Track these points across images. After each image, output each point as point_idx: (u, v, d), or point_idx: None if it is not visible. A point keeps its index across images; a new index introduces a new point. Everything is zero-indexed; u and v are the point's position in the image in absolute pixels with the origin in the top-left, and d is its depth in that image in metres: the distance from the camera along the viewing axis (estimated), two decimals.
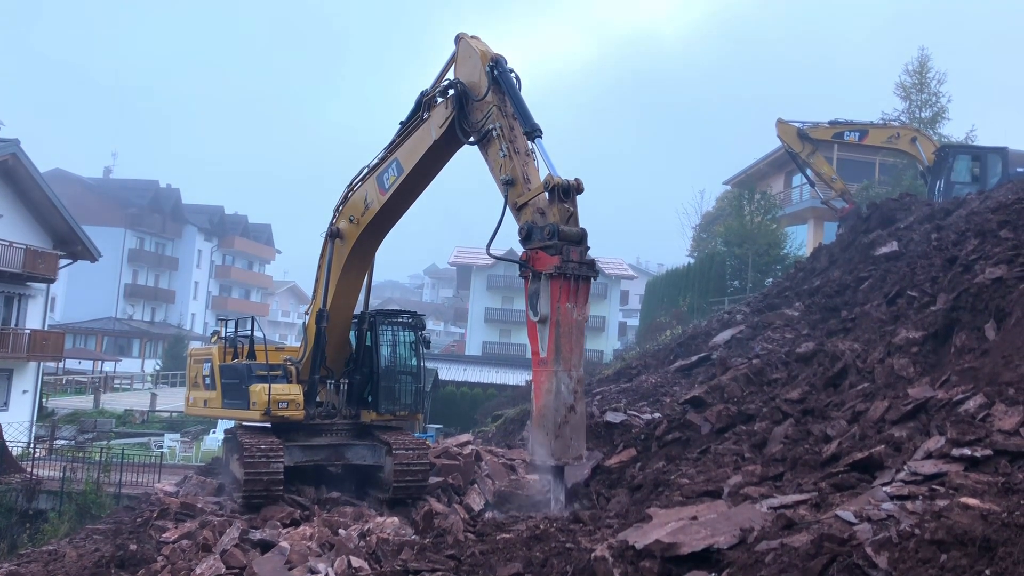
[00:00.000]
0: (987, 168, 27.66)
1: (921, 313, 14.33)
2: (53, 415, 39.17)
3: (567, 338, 11.18)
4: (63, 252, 35.58)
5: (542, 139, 12.00)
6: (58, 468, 23.63)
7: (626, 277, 77.26)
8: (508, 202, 12.00)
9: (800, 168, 31.26)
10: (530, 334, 11.61)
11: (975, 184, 27.01)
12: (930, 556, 5.86)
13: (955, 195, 26.32)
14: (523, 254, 11.69)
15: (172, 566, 11.53)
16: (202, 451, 31.39)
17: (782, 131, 30.22)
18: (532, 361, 11.72)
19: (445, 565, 9.79)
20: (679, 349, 23.94)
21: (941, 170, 28.22)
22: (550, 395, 11.17)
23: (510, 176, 11.94)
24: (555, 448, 11.13)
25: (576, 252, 11.30)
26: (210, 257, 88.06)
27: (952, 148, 29.70)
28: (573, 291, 11.24)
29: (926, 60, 41.12)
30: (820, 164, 30.49)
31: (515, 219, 11.96)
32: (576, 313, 11.25)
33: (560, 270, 11.09)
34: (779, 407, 13.09)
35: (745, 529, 7.74)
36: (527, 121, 12.01)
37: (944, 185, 27.72)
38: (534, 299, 11.39)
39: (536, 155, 12.09)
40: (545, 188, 11.47)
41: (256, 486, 14.17)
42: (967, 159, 28.41)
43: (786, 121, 30.23)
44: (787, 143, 30.24)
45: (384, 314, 16.67)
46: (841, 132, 29.98)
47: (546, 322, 11.18)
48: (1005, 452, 8.14)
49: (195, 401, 17.90)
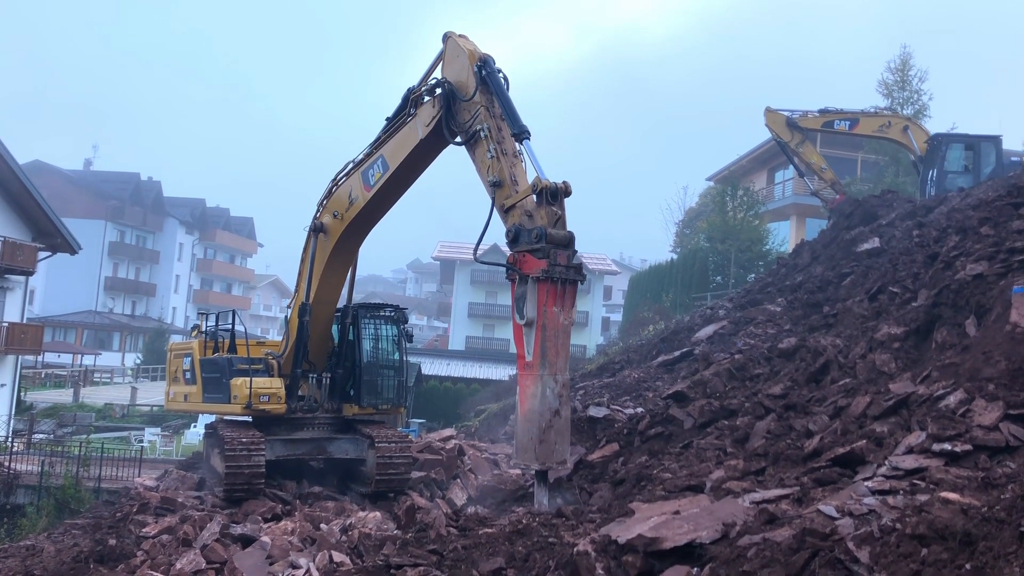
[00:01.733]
0: (981, 157, 27.16)
1: (902, 309, 14.41)
2: (32, 409, 38.80)
3: (553, 342, 11.17)
4: (42, 244, 35.19)
5: (530, 141, 11.94)
6: (37, 462, 23.40)
7: (609, 272, 77.39)
8: (495, 204, 11.95)
9: (789, 158, 30.74)
10: (516, 337, 11.59)
11: (969, 174, 26.53)
12: (911, 550, 5.89)
13: (948, 186, 25.87)
14: (510, 257, 11.66)
15: (152, 561, 11.44)
16: (183, 445, 31.19)
17: (771, 120, 29.75)
18: (518, 364, 11.71)
19: (427, 560, 9.76)
20: (662, 344, 24.00)
21: (933, 160, 27.61)
22: (535, 399, 11.16)
23: (497, 178, 11.88)
24: (540, 452, 11.13)
25: (563, 255, 11.27)
26: (191, 250, 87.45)
27: (945, 137, 28.92)
28: (560, 295, 11.23)
29: (908, 58, 41.36)
30: (810, 154, 30.04)
31: (502, 221, 11.93)
32: (563, 317, 11.24)
33: (547, 273, 11.07)
34: (761, 402, 13.13)
35: (727, 524, 7.75)
36: (515, 123, 11.94)
37: (937, 175, 27.17)
38: (520, 302, 11.37)
39: (524, 157, 12.04)
40: (533, 191, 11.43)
41: (237, 480, 14.09)
42: (960, 148, 27.80)
43: (775, 110, 29.79)
44: (776, 132, 29.77)
45: (367, 308, 16.61)
46: (831, 121, 29.51)
47: (532, 325, 11.17)
48: (985, 447, 8.20)
49: (175, 396, 17.78)
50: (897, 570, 5.77)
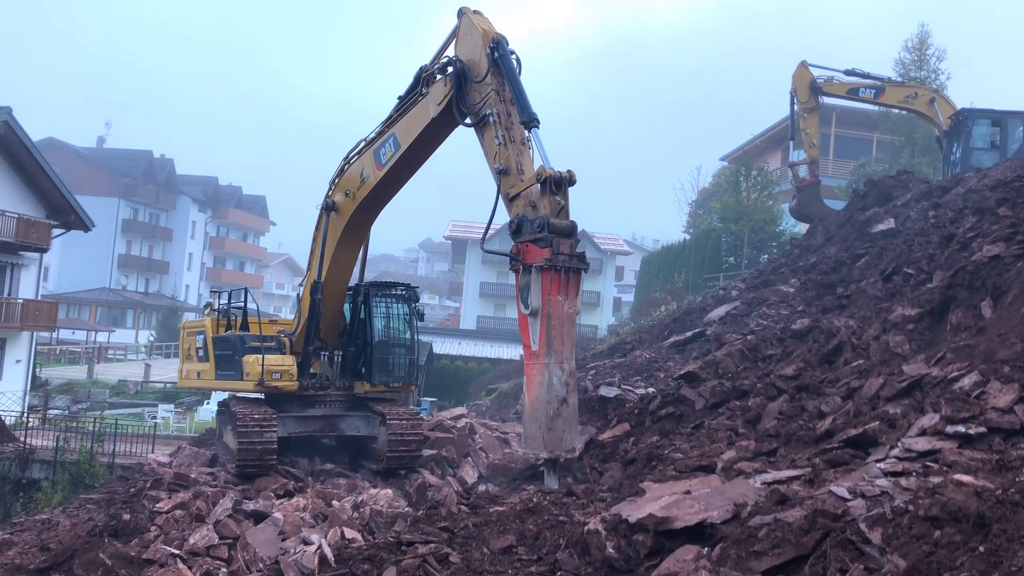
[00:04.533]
0: (1008, 134, 26.31)
1: (917, 290, 14.32)
2: (47, 385, 39.11)
3: (558, 331, 11.18)
4: (56, 222, 35.32)
5: (539, 129, 11.85)
6: (51, 438, 23.57)
7: (621, 253, 77.20)
8: (500, 191, 11.96)
9: (791, 118, 29.69)
10: (521, 327, 11.61)
11: (995, 151, 25.72)
12: (924, 532, 5.87)
13: (974, 163, 25.14)
14: (513, 247, 11.66)
15: (165, 536, 11.54)
16: (196, 422, 31.39)
17: (799, 75, 28.66)
18: (524, 354, 11.73)
19: (438, 537, 9.81)
20: (674, 325, 23.94)
21: (959, 135, 26.71)
22: (542, 388, 11.19)
23: (504, 165, 11.84)
24: (547, 440, 11.17)
25: (566, 244, 11.27)
26: (204, 228, 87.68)
27: (971, 112, 27.78)
28: (564, 283, 11.23)
29: (926, 37, 40.86)
30: (811, 124, 29.03)
31: (506, 210, 11.92)
32: (567, 305, 11.25)
33: (551, 263, 11.07)
34: (773, 383, 13.10)
35: (739, 504, 7.75)
36: (525, 110, 11.84)
37: (962, 152, 26.30)
38: (525, 292, 11.39)
39: (532, 144, 11.98)
40: (538, 179, 11.39)
41: (250, 455, 14.18)
42: (987, 124, 26.85)
43: (809, 67, 28.72)
44: (797, 88, 28.73)
45: (378, 286, 16.62)
46: (856, 88, 28.59)
47: (537, 315, 11.18)
48: (999, 429, 8.16)
49: (188, 373, 17.86)
50: (909, 552, 5.75)
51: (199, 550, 11.05)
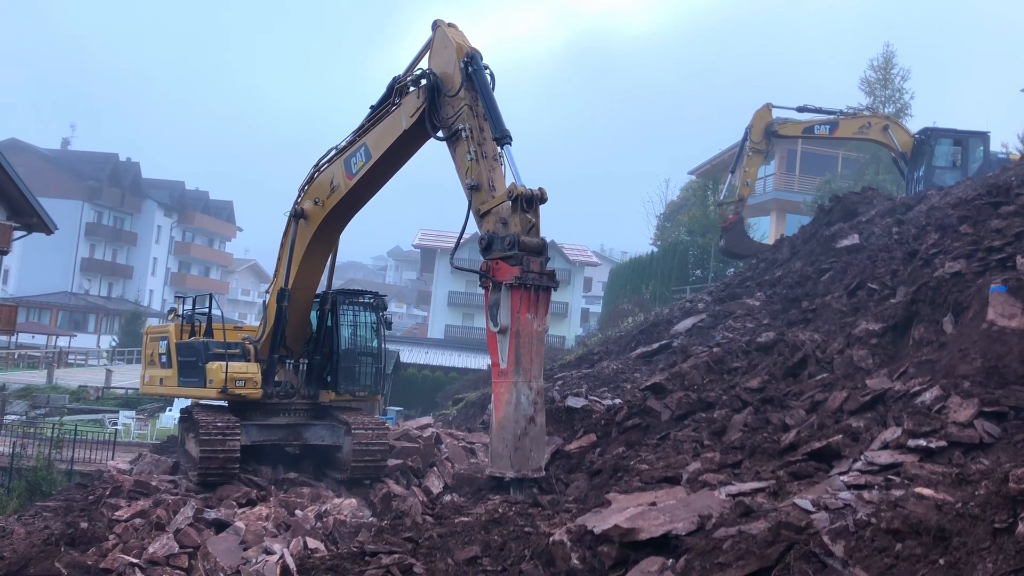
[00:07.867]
0: (969, 153, 26.90)
1: (881, 305, 14.50)
2: (4, 390, 38.34)
3: (527, 349, 11.18)
4: (17, 223, 34.65)
5: (511, 146, 11.85)
6: (8, 444, 23.12)
7: (590, 264, 77.53)
8: (472, 207, 11.95)
9: (739, 153, 30.11)
10: (490, 345, 11.60)
11: (957, 170, 26.15)
12: (886, 545, 5.93)
13: (936, 181, 25.59)
14: (483, 264, 11.64)
15: (124, 544, 11.34)
16: (157, 429, 30.91)
17: (760, 115, 29.12)
18: (492, 372, 11.70)
19: (403, 547, 9.73)
20: (641, 336, 24.05)
21: (921, 156, 27.29)
22: (510, 406, 11.17)
23: (475, 181, 11.85)
24: (515, 459, 11.15)
25: (536, 262, 11.30)
26: (170, 233, 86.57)
27: (934, 131, 28.43)
28: (533, 301, 11.24)
29: (891, 56, 41.60)
30: (753, 164, 29.69)
31: (477, 226, 11.91)
32: (536, 324, 11.27)
33: (520, 280, 11.08)
34: (739, 395, 13.17)
35: (703, 515, 7.78)
36: (498, 126, 11.84)
37: (924, 170, 26.81)
38: (494, 310, 11.38)
39: (504, 160, 11.97)
40: (509, 197, 11.39)
41: (212, 464, 14.00)
42: (949, 143, 27.46)
43: (771, 109, 29.24)
44: (754, 126, 29.15)
45: (346, 294, 16.52)
46: (811, 127, 29.19)
47: (506, 333, 11.17)
48: (959, 443, 8.28)
49: (151, 380, 17.61)
50: (871, 564, 5.80)
51: (158, 559, 10.87)
